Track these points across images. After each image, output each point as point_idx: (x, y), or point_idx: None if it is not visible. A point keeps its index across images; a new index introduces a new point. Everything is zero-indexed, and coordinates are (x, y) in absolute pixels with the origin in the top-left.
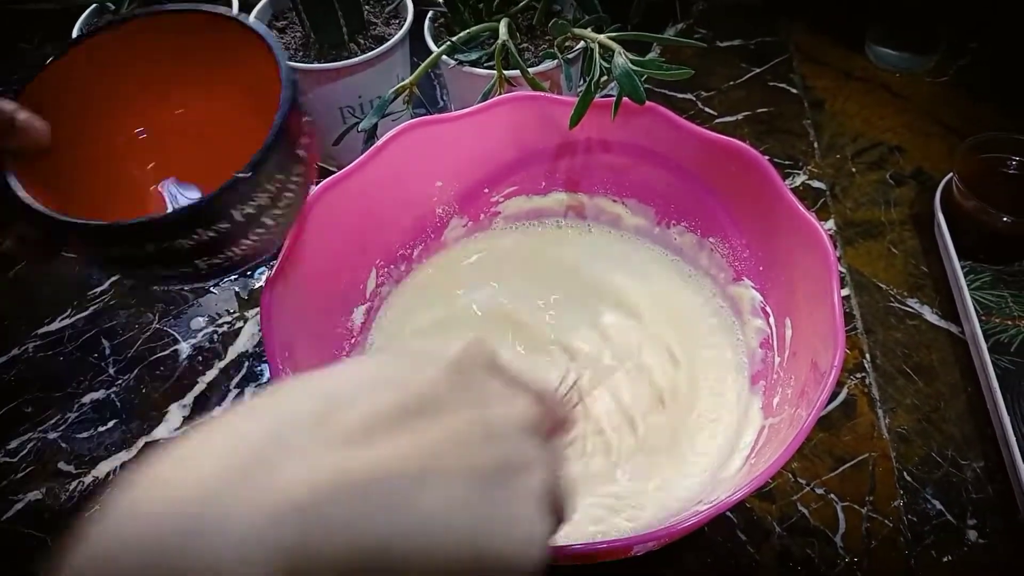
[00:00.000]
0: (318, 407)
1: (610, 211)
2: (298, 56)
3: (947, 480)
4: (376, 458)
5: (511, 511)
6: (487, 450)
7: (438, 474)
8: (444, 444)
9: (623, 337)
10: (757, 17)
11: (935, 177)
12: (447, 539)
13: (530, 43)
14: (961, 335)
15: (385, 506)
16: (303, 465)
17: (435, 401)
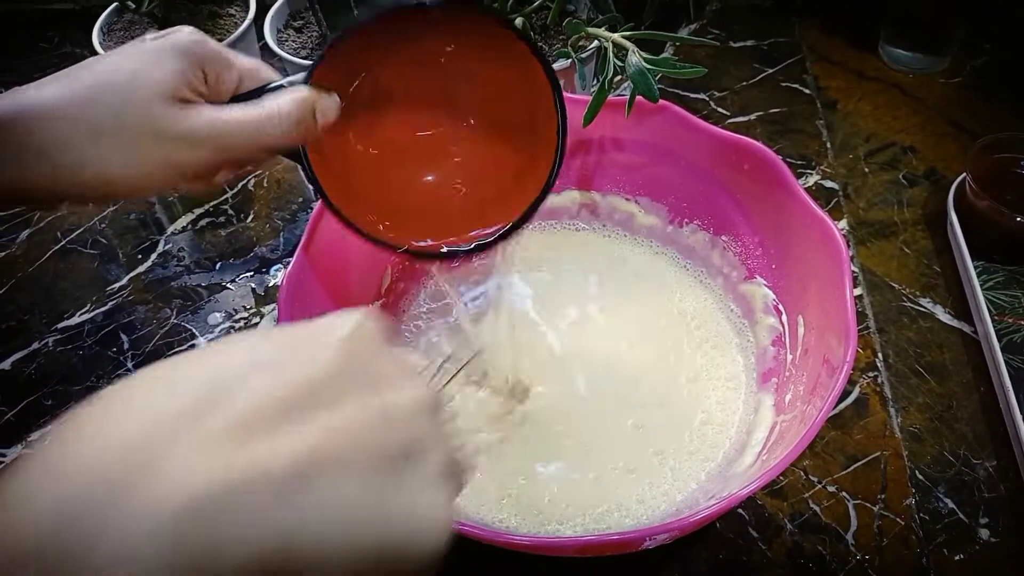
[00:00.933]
0: (196, 399)
1: (623, 209)
2: (315, 55)
3: (959, 479)
4: (261, 455)
5: (410, 498)
6: (383, 437)
7: (331, 467)
8: (336, 435)
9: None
10: (770, 18)
11: (948, 177)
12: (347, 534)
13: (544, 42)
14: (974, 335)
15: (274, 506)
16: (181, 468)
17: (326, 386)
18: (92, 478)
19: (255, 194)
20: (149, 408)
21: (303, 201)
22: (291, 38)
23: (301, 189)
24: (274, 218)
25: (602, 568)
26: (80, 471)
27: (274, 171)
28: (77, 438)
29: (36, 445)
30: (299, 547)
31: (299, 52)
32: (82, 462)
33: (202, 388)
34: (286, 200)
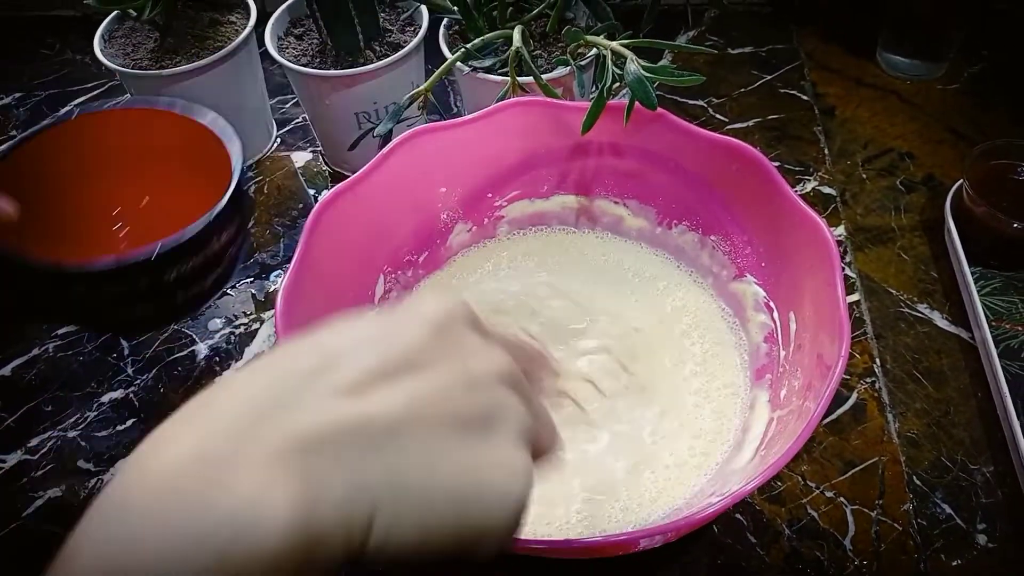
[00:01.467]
0: (313, 364)
1: (612, 213)
2: (315, 62)
3: (957, 484)
4: (366, 408)
5: (493, 454)
6: (468, 400)
7: (423, 422)
8: (428, 396)
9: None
10: (768, 25)
11: (945, 183)
12: (430, 485)
13: (543, 50)
14: (971, 340)
15: (371, 454)
16: (307, 413)
17: (419, 357)
18: (233, 414)
19: (255, 200)
20: (273, 370)
21: (303, 207)
22: (292, 45)
23: (301, 195)
24: (274, 224)
25: (600, 570)
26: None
27: (274, 177)
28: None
29: None
30: (386, 494)
31: (299, 60)
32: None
33: (318, 357)
34: (286, 207)
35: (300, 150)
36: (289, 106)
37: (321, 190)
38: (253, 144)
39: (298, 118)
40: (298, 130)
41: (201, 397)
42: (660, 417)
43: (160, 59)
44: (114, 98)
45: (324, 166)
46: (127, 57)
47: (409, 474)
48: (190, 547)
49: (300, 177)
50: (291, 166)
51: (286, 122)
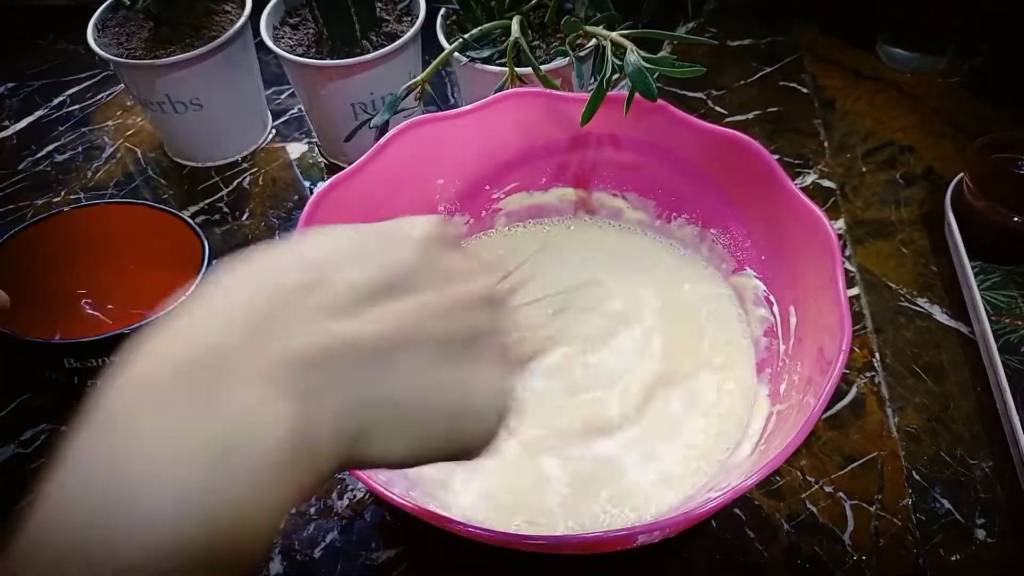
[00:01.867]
0: (305, 278)
1: (610, 205)
2: (311, 53)
3: (956, 479)
4: (352, 330)
5: (478, 372)
6: (454, 321)
7: (411, 341)
8: (418, 315)
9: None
10: (768, 17)
11: (945, 177)
12: (419, 401)
13: (541, 40)
14: (971, 335)
15: (360, 372)
16: (301, 332)
17: (407, 277)
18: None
19: (250, 192)
20: (265, 281)
21: (298, 199)
22: (287, 35)
23: (296, 187)
24: (269, 216)
25: (599, 565)
26: (208, 327)
27: (269, 169)
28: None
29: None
30: (375, 413)
31: (295, 49)
32: (208, 321)
33: (308, 271)
34: (281, 198)
35: (295, 141)
36: (284, 97)
37: (316, 182)
38: (248, 135)
39: (294, 109)
40: (293, 121)
41: (192, 303)
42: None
43: (154, 49)
44: (107, 88)
45: (319, 158)
46: (121, 47)
47: (400, 392)
48: (196, 452)
49: (295, 168)
50: (286, 157)
51: (281, 113)
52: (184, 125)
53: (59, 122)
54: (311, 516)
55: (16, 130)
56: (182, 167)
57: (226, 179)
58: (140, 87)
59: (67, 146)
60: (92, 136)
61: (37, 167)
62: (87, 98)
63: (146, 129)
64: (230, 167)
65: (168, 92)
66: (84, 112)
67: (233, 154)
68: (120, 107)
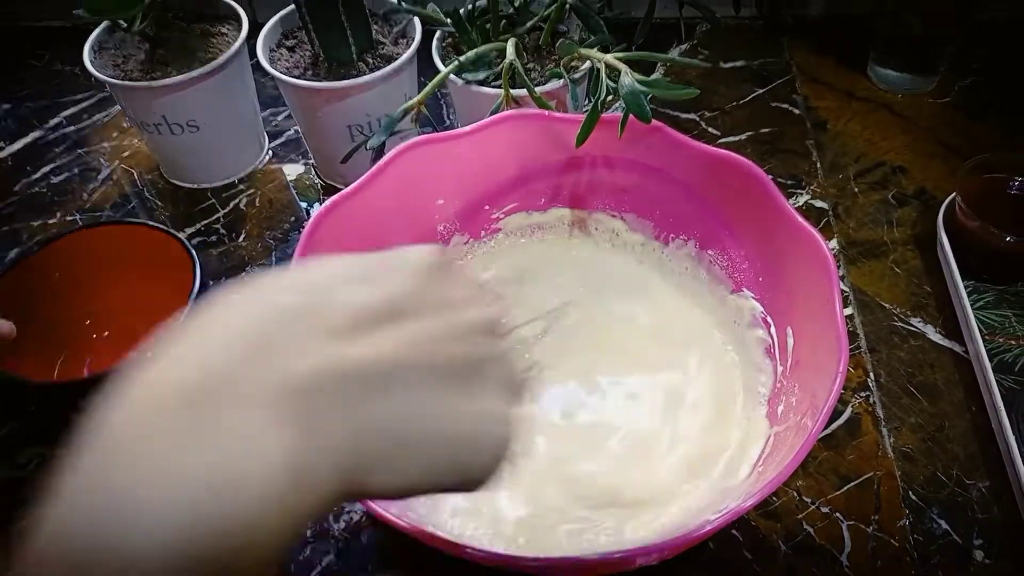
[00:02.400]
0: (303, 300)
1: (608, 226)
2: (307, 75)
3: (953, 500)
4: (357, 353)
5: (479, 403)
6: (454, 349)
7: (411, 369)
8: (417, 340)
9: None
10: (760, 39)
11: (937, 197)
12: (419, 428)
13: (536, 63)
14: (965, 354)
15: (361, 397)
16: (300, 356)
17: (406, 303)
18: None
19: (247, 213)
20: (263, 305)
21: (295, 220)
22: (284, 57)
23: (293, 208)
24: (266, 237)
25: None
26: (205, 352)
27: (266, 190)
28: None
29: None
30: (376, 441)
31: (292, 71)
32: (207, 346)
33: (307, 294)
34: (278, 219)
35: (292, 163)
36: (281, 118)
37: (313, 203)
38: (245, 156)
39: (290, 130)
40: (290, 143)
41: (191, 327)
42: (663, 434)
43: (151, 71)
44: (103, 110)
45: (316, 179)
46: (117, 68)
47: (400, 419)
48: (194, 481)
49: (292, 190)
50: (283, 179)
51: (278, 134)
52: (181, 147)
53: (55, 143)
54: (308, 539)
55: (11, 152)
56: (179, 188)
57: (223, 200)
58: (136, 109)
59: (63, 168)
60: (88, 158)
61: (32, 189)
62: (83, 119)
63: (143, 151)
64: (227, 188)
65: (164, 114)
66: (80, 133)
67: (230, 175)
68: (116, 128)
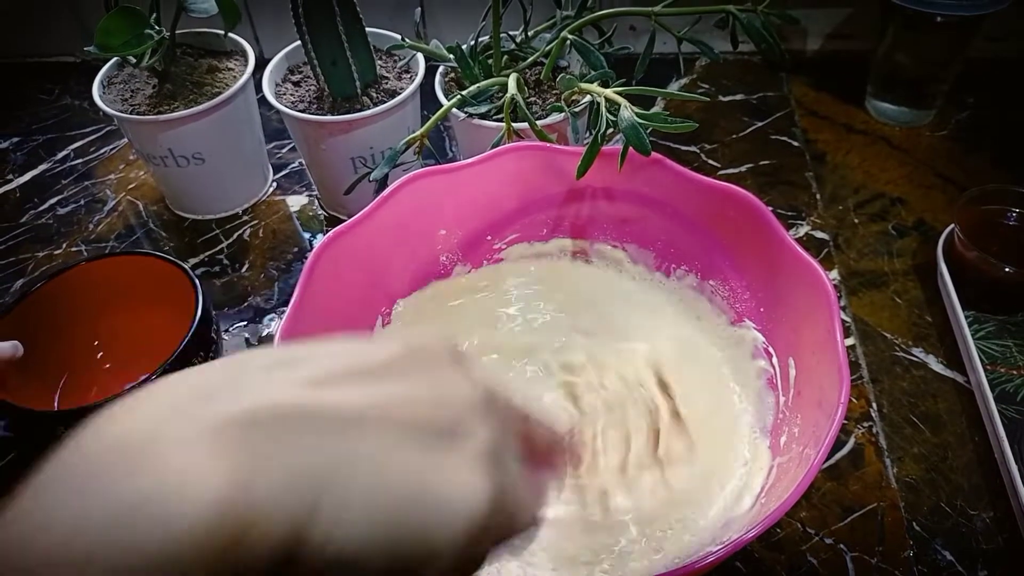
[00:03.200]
0: (276, 358)
1: (611, 256)
2: (312, 108)
3: (957, 530)
4: (328, 398)
5: (446, 468)
6: (431, 413)
7: (379, 422)
8: (390, 400)
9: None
10: (758, 73)
11: (937, 228)
12: (379, 480)
13: (537, 97)
14: (967, 384)
15: (328, 438)
16: (252, 393)
17: (391, 369)
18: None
19: (250, 244)
20: (235, 361)
21: (298, 251)
22: (289, 92)
23: (296, 239)
24: (269, 268)
25: None
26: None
27: (269, 221)
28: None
29: None
30: (326, 483)
31: (296, 105)
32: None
33: (281, 355)
34: (281, 250)
35: (295, 194)
36: (285, 151)
37: (316, 234)
38: (249, 188)
39: (294, 163)
40: (294, 174)
41: (152, 384)
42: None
43: (158, 105)
44: (110, 143)
45: (319, 210)
46: (125, 103)
47: (356, 470)
48: (115, 524)
49: (295, 221)
50: (286, 210)
51: (282, 167)
52: (186, 179)
53: (62, 175)
54: None
55: (20, 183)
56: (183, 220)
57: (226, 231)
58: (144, 141)
59: (69, 199)
60: (94, 189)
61: (39, 220)
62: (90, 152)
63: (148, 183)
64: (231, 219)
65: (171, 146)
66: (87, 166)
67: (234, 207)
68: (123, 161)
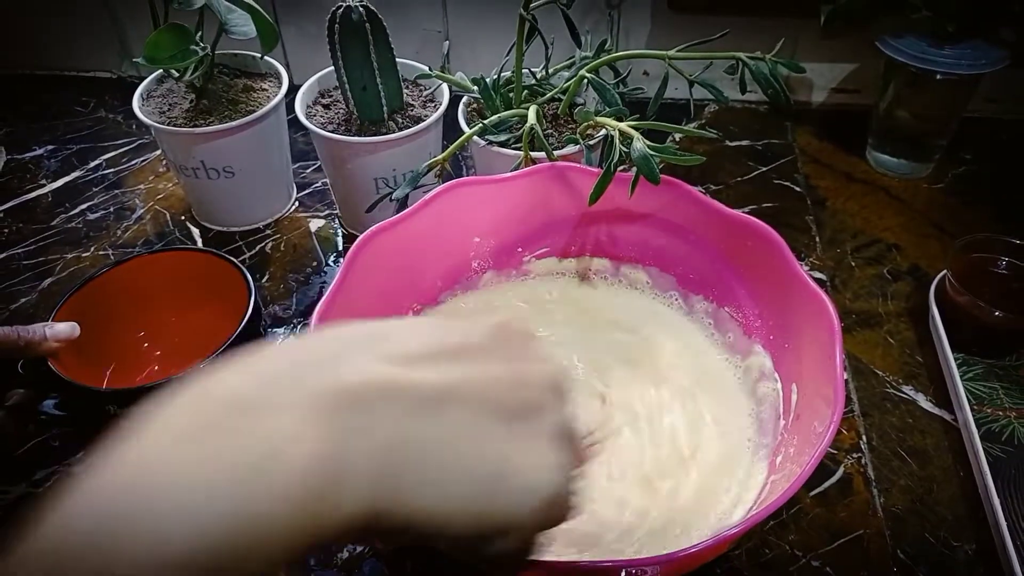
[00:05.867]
0: (371, 333)
1: (633, 277)
2: (340, 130)
3: (940, 561)
4: (415, 376)
5: (527, 447)
6: (514, 394)
7: (466, 402)
8: (476, 381)
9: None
10: (765, 121)
11: (930, 274)
12: (466, 458)
13: (554, 129)
14: (954, 422)
15: (413, 413)
16: (352, 367)
17: (475, 351)
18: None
19: (272, 256)
20: (333, 335)
21: (316, 265)
22: (319, 113)
23: (315, 255)
24: (288, 279)
25: None
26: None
27: (291, 236)
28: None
29: None
30: (410, 457)
31: (326, 126)
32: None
33: (372, 331)
34: (301, 264)
35: (317, 213)
36: (310, 171)
37: (333, 251)
38: (274, 204)
39: (317, 183)
40: (316, 194)
41: (252, 351)
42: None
43: (194, 119)
44: (142, 155)
45: (339, 228)
46: (163, 115)
47: (443, 446)
48: (220, 468)
49: (315, 238)
50: (307, 227)
51: (306, 186)
52: (215, 190)
53: (93, 183)
54: (311, 567)
55: (52, 188)
56: (208, 230)
57: (249, 243)
58: (177, 153)
59: (99, 205)
60: (124, 198)
61: (69, 223)
62: (121, 163)
63: (176, 194)
64: (254, 232)
65: (203, 159)
66: (118, 175)
67: (258, 220)
68: (152, 172)
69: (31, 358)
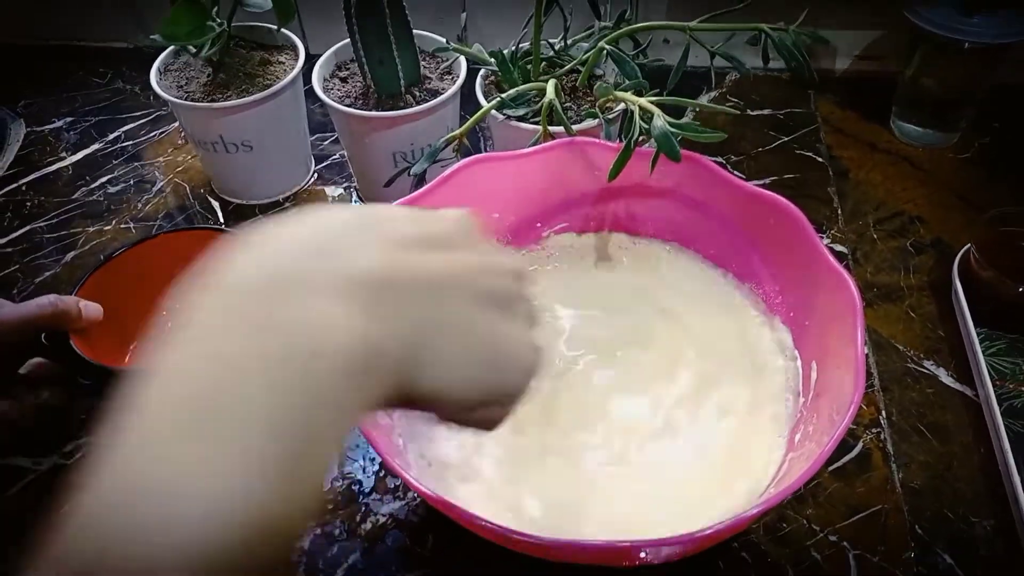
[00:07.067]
0: (361, 219)
1: (652, 251)
2: (357, 104)
3: (958, 536)
4: (412, 263)
5: (513, 330)
6: (493, 281)
7: (458, 288)
8: (461, 269)
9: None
10: (786, 90)
11: (953, 247)
12: (473, 326)
13: (573, 103)
14: (975, 398)
15: (429, 297)
16: (368, 256)
17: (450, 240)
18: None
19: None
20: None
21: None
22: (336, 87)
23: None
24: None
25: None
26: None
27: None
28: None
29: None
30: (429, 335)
31: (343, 100)
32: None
33: (361, 216)
34: None
35: (335, 185)
36: (328, 143)
37: None
38: (292, 177)
39: (335, 155)
40: (335, 166)
41: (256, 236)
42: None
43: (212, 93)
44: (160, 127)
45: (357, 201)
46: (180, 89)
47: (451, 328)
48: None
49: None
50: (326, 199)
51: (324, 158)
52: (234, 164)
53: (113, 156)
54: (336, 537)
55: (72, 161)
56: (227, 203)
57: (268, 216)
58: (196, 127)
59: (119, 179)
60: (143, 171)
61: (90, 197)
62: (140, 135)
63: (195, 167)
64: (272, 206)
65: (222, 133)
66: (137, 148)
67: (277, 193)
68: (171, 145)
69: (62, 330)
